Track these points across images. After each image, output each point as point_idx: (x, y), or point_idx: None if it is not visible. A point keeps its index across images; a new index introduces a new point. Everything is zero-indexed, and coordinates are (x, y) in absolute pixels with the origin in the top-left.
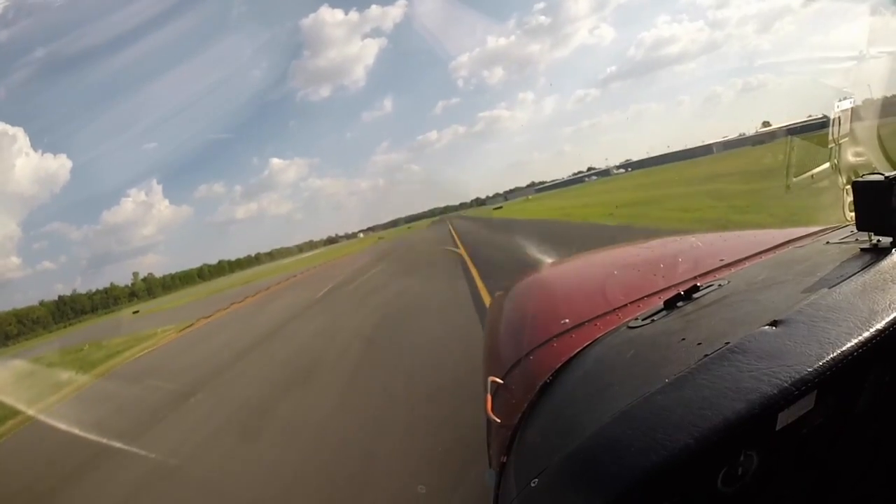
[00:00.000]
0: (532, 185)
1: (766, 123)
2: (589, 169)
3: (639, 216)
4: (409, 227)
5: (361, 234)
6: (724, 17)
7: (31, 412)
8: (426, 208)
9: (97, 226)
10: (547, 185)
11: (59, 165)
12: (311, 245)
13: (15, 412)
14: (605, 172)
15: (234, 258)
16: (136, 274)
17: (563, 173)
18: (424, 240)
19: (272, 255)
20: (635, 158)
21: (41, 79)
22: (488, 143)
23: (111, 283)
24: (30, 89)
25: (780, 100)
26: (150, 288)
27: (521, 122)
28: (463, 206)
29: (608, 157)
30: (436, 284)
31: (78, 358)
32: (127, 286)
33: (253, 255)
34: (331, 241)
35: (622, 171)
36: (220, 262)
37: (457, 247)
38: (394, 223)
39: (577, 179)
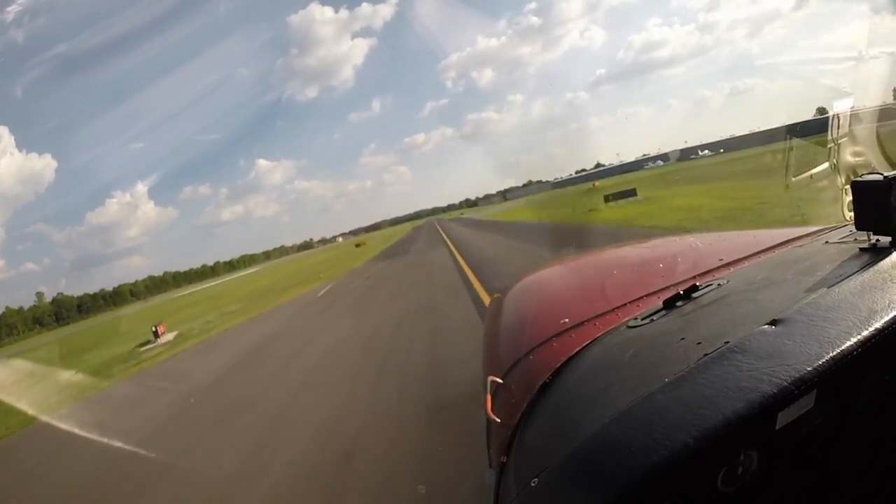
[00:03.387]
0: (530, 183)
1: (821, 110)
2: (594, 164)
3: None
4: (357, 245)
5: (340, 239)
6: (714, 21)
7: None
8: (412, 210)
9: (81, 227)
10: (571, 177)
11: (45, 165)
12: (281, 251)
13: None
14: (664, 157)
15: (185, 269)
16: (40, 294)
17: (556, 175)
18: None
19: (232, 265)
20: (708, 140)
21: (28, 81)
22: (477, 145)
23: (6, 308)
24: (16, 90)
25: (768, 104)
26: (59, 311)
27: (511, 124)
28: (451, 207)
29: (618, 153)
30: None
31: None
32: (33, 307)
33: (210, 264)
34: (305, 246)
35: (706, 152)
36: (164, 275)
37: None
38: (377, 226)
39: (616, 167)
